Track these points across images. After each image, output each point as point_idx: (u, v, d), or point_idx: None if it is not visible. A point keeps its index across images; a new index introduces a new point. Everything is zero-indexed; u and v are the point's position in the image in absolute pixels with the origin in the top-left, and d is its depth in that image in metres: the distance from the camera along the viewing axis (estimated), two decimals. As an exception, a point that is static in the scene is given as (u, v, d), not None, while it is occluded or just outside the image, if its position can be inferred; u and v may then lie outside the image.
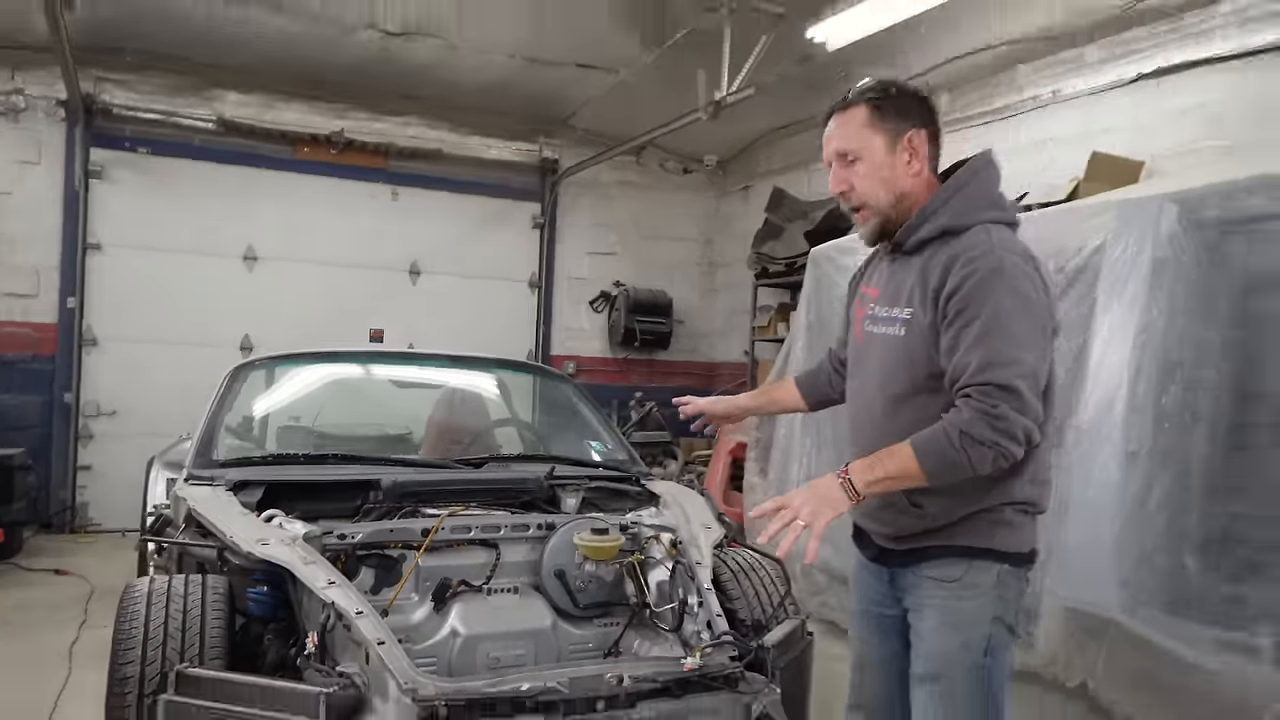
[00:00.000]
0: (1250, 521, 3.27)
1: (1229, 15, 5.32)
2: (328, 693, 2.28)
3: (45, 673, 4.30)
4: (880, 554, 2.38)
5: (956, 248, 2.14)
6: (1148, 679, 3.49)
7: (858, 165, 2.25)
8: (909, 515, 2.21)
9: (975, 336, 2.05)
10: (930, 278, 2.17)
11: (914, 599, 2.29)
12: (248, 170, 7.80)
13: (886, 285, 2.36)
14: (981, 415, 1.99)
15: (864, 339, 2.42)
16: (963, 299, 2.08)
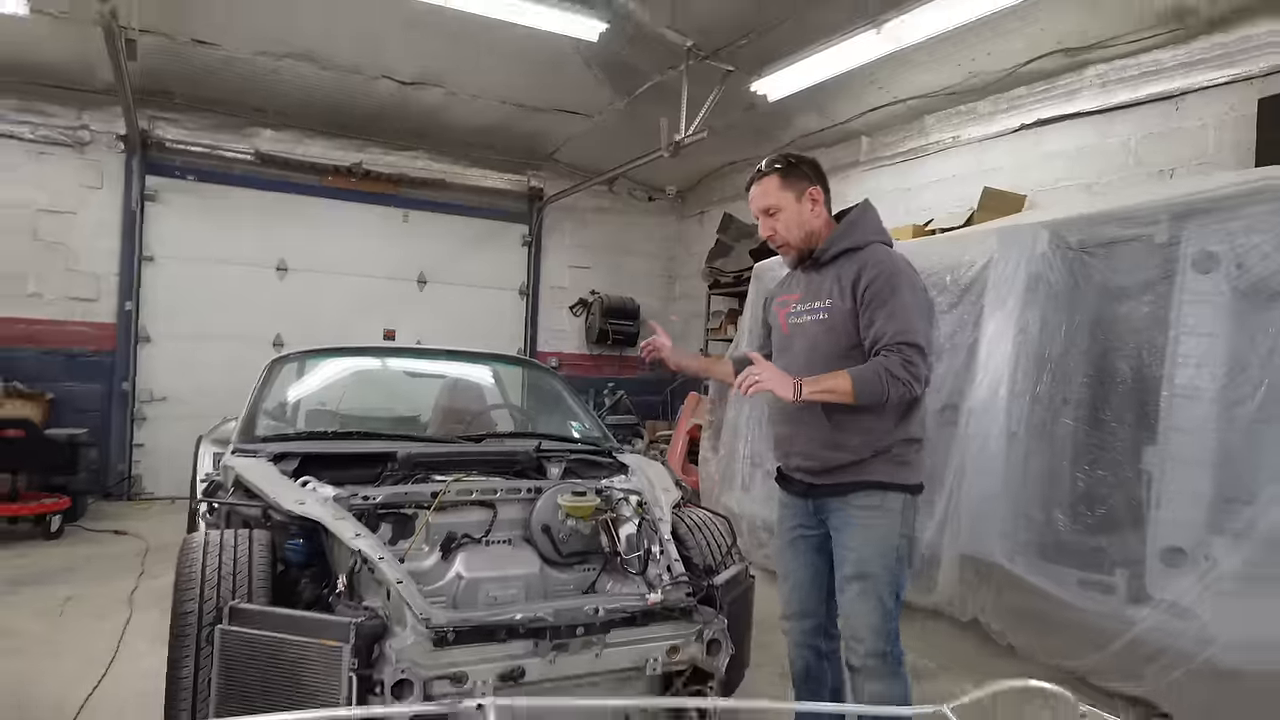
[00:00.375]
0: (1106, 485, 3.41)
1: (1093, 78, 5.50)
2: (357, 622, 2.34)
3: (111, 614, 4.30)
4: (807, 489, 2.67)
5: (863, 258, 2.55)
6: (1026, 613, 3.62)
7: (779, 216, 2.64)
8: (837, 451, 2.54)
9: (888, 314, 2.44)
10: (845, 279, 2.55)
11: (840, 521, 2.58)
12: (281, 195, 7.74)
13: (806, 289, 2.70)
14: (900, 362, 2.37)
15: (790, 329, 2.74)
16: (876, 290, 2.47)
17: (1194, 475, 3.22)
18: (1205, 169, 4.95)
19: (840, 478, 2.56)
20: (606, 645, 2.55)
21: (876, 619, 2.50)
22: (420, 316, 8.28)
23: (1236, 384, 3.17)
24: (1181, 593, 3.14)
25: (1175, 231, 3.40)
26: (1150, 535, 3.27)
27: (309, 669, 2.32)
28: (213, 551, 2.68)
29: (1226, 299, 3.25)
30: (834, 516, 2.61)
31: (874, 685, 2.52)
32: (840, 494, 2.57)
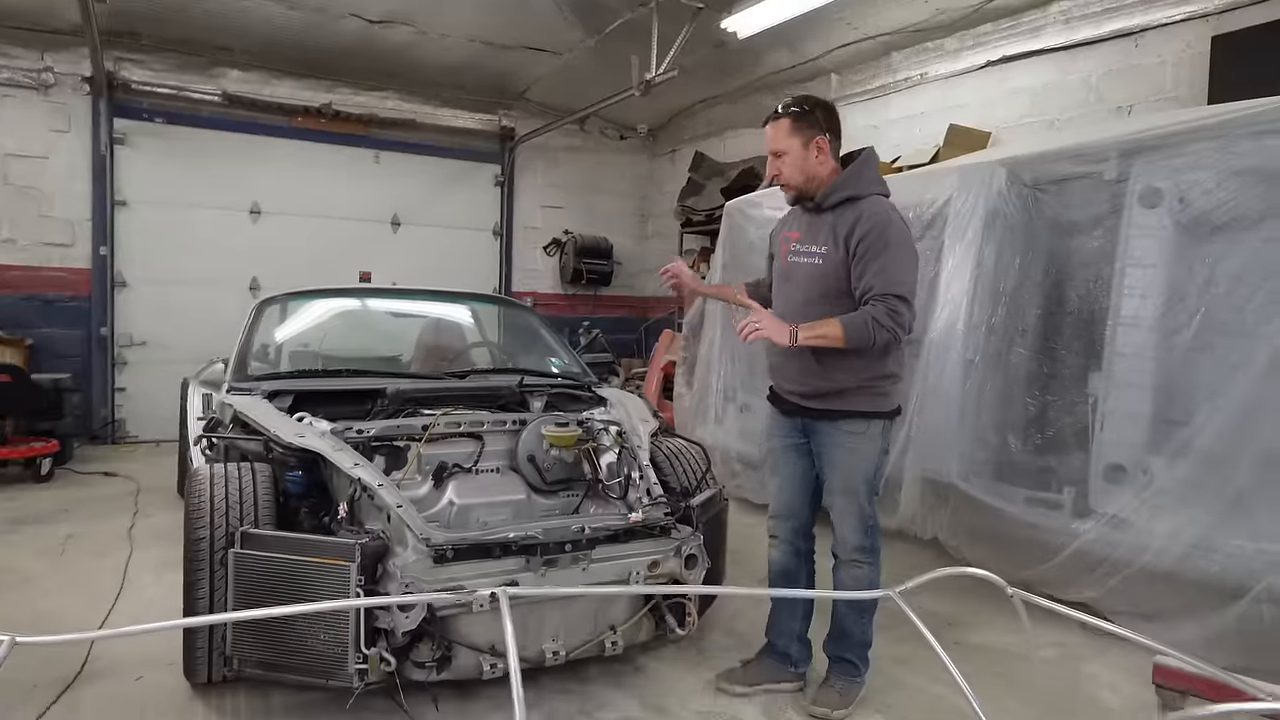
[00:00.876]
0: (1055, 409, 3.65)
1: (1057, 15, 5.61)
2: (361, 542, 2.52)
3: (111, 551, 4.44)
4: (795, 409, 2.94)
5: (860, 208, 2.74)
6: (980, 530, 3.88)
7: (784, 158, 2.82)
8: (823, 380, 2.81)
9: (879, 267, 2.65)
10: (840, 228, 2.75)
11: (827, 443, 2.87)
12: (251, 137, 7.68)
13: (806, 231, 2.91)
14: (886, 312, 2.61)
15: (788, 265, 2.95)
16: (869, 244, 2.67)
17: (1135, 398, 3.46)
18: (1163, 105, 5.13)
19: (828, 404, 2.84)
20: (592, 561, 2.76)
21: (858, 522, 2.86)
22: (395, 258, 8.28)
23: (1175, 313, 3.40)
24: (1121, 506, 3.40)
25: (1124, 168, 3.57)
26: (1094, 454, 3.52)
27: (317, 587, 2.50)
28: (219, 483, 2.83)
29: (1169, 233, 3.45)
30: (822, 438, 2.91)
31: (855, 572, 2.89)
32: (828, 419, 2.86)
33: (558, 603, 2.74)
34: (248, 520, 2.75)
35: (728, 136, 8.52)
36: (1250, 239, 3.23)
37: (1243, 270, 3.24)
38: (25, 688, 2.91)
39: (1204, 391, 3.31)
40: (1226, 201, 3.29)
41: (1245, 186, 3.25)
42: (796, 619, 3.08)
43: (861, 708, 2.91)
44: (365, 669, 2.50)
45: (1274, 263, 3.14)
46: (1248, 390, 3.14)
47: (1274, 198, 3.18)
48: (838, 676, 2.96)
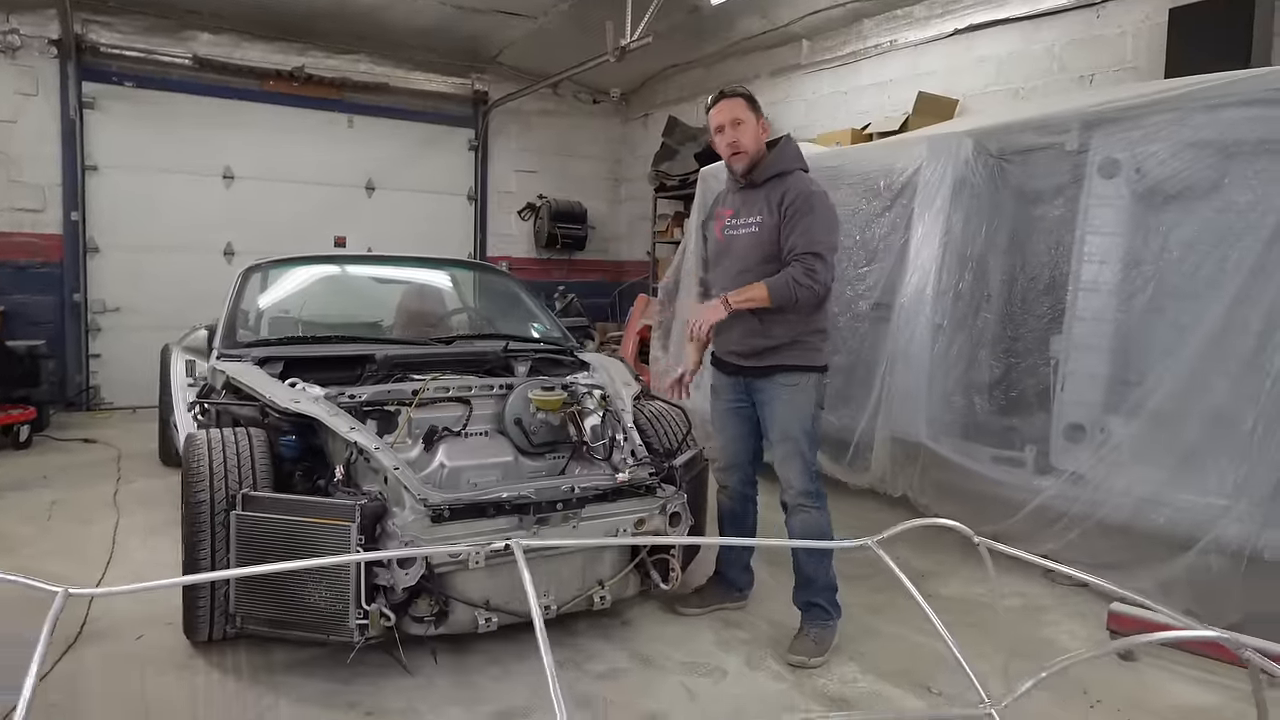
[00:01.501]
0: (1019, 371, 3.81)
1: (1023, -16, 5.71)
2: (361, 503, 2.61)
3: (97, 517, 4.46)
4: (739, 370, 3.20)
5: (788, 182, 3.08)
6: (947, 487, 4.05)
7: (742, 127, 3.09)
8: (763, 338, 3.07)
9: (801, 230, 2.98)
10: (773, 199, 3.07)
11: (768, 396, 3.14)
12: (222, 101, 7.56)
13: (740, 206, 3.21)
14: (803, 270, 2.94)
15: (726, 239, 3.25)
16: (795, 209, 3.01)
17: (1094, 360, 3.62)
18: (1123, 75, 5.26)
19: (766, 360, 3.11)
20: (582, 519, 2.87)
21: (800, 467, 3.10)
22: (370, 223, 8.25)
23: (1132, 278, 3.55)
24: (1080, 464, 3.57)
25: (1084, 139, 3.70)
26: (1055, 414, 3.69)
27: (319, 547, 2.59)
28: (216, 447, 2.89)
29: (1126, 202, 3.59)
30: (762, 393, 3.17)
31: (803, 515, 3.11)
32: (767, 375, 3.13)
33: (549, 559, 2.84)
34: (246, 483, 2.82)
35: (700, 102, 8.48)
36: (1202, 208, 3.38)
37: (1195, 238, 3.39)
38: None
39: (1157, 354, 3.47)
40: (1180, 172, 3.43)
41: (1198, 158, 3.38)
42: (744, 550, 3.44)
43: (836, 656, 3.07)
44: (365, 624, 2.60)
45: (1224, 231, 3.29)
46: (1197, 352, 3.31)
47: (1225, 168, 3.32)
48: (810, 624, 3.12)
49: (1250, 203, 3.23)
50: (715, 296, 3.17)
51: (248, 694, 2.73)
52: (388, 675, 2.84)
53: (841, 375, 4.33)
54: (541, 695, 2.75)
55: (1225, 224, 3.30)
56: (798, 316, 3.06)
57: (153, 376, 7.16)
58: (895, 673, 2.97)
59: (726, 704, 2.74)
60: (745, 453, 3.33)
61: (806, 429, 3.11)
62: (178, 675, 2.83)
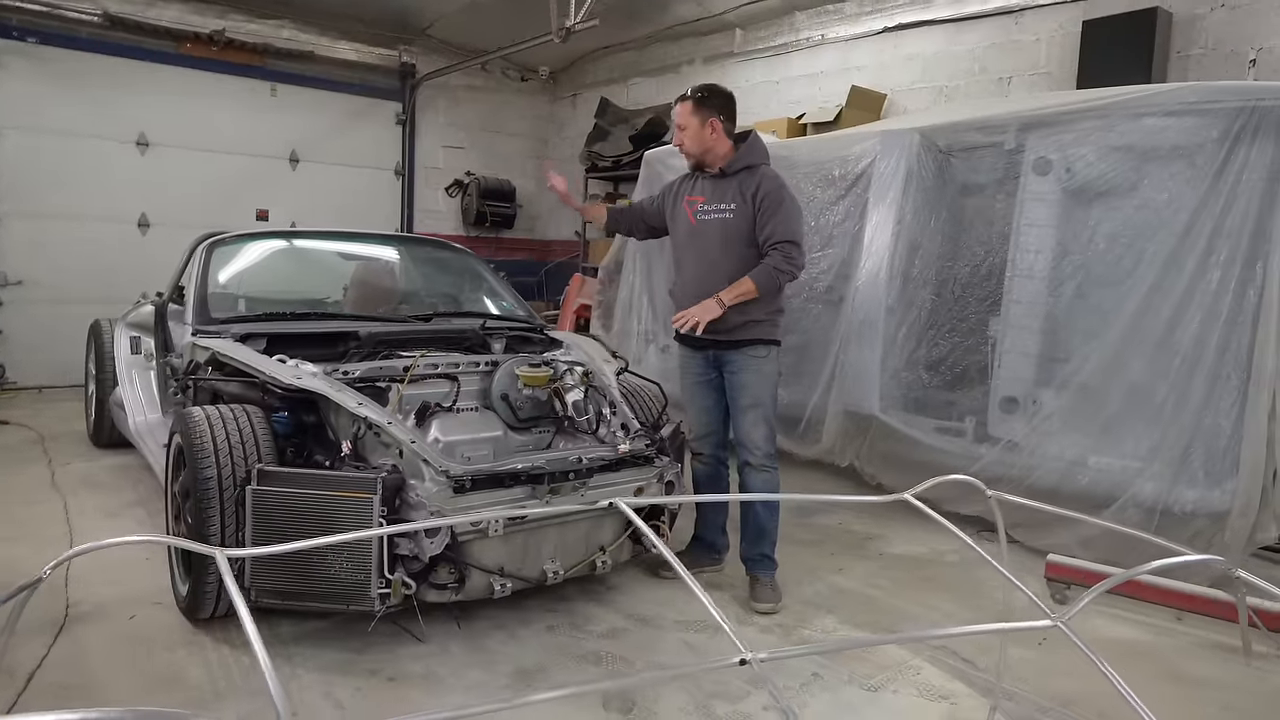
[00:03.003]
0: (961, 349, 4.17)
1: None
2: (383, 476, 2.70)
3: (40, 499, 4.30)
4: (709, 344, 3.44)
5: (758, 174, 3.36)
6: (892, 457, 4.40)
7: (685, 132, 3.41)
8: (738, 315, 3.31)
9: (778, 220, 3.28)
10: (745, 190, 3.34)
11: (738, 367, 3.42)
12: (135, 63, 7.17)
13: (711, 193, 3.45)
14: (782, 258, 3.26)
15: (698, 223, 3.47)
16: (770, 202, 3.30)
17: (1026, 339, 4.02)
18: (1038, 80, 5.72)
19: (737, 335, 3.39)
20: (588, 488, 3.03)
21: (766, 431, 3.43)
22: (294, 197, 8.04)
23: (1060, 267, 3.96)
24: (1014, 433, 3.97)
25: (1020, 140, 4.08)
26: (992, 388, 4.08)
27: (341, 520, 2.65)
28: (218, 424, 2.90)
29: (1057, 197, 3.99)
30: (733, 364, 3.45)
31: (764, 475, 3.43)
32: (737, 348, 3.42)
33: (555, 526, 3.00)
34: (251, 459, 2.85)
35: (632, 84, 8.67)
36: (1123, 205, 3.80)
37: (1116, 231, 3.81)
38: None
39: (1082, 335, 3.89)
40: (1105, 173, 3.84)
41: (1121, 160, 3.80)
42: (720, 514, 3.71)
43: (812, 610, 3.36)
44: (387, 593, 2.69)
45: (1141, 226, 3.72)
46: (1118, 334, 3.74)
47: (1143, 170, 3.75)
48: (763, 572, 3.45)
49: (1165, 201, 3.66)
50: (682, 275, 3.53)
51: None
52: (400, 643, 2.93)
53: (794, 354, 4.61)
54: (551, 655, 2.92)
55: (1143, 220, 3.72)
56: (764, 300, 3.36)
57: (65, 354, 6.86)
58: (869, 623, 3.28)
59: (729, 655, 2.96)
60: (716, 421, 3.63)
61: (772, 395, 3.48)
62: (188, 651, 2.84)
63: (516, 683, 2.72)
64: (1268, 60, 4.82)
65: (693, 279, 3.48)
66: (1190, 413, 3.51)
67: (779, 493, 3.50)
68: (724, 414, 3.61)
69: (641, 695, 2.67)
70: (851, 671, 2.88)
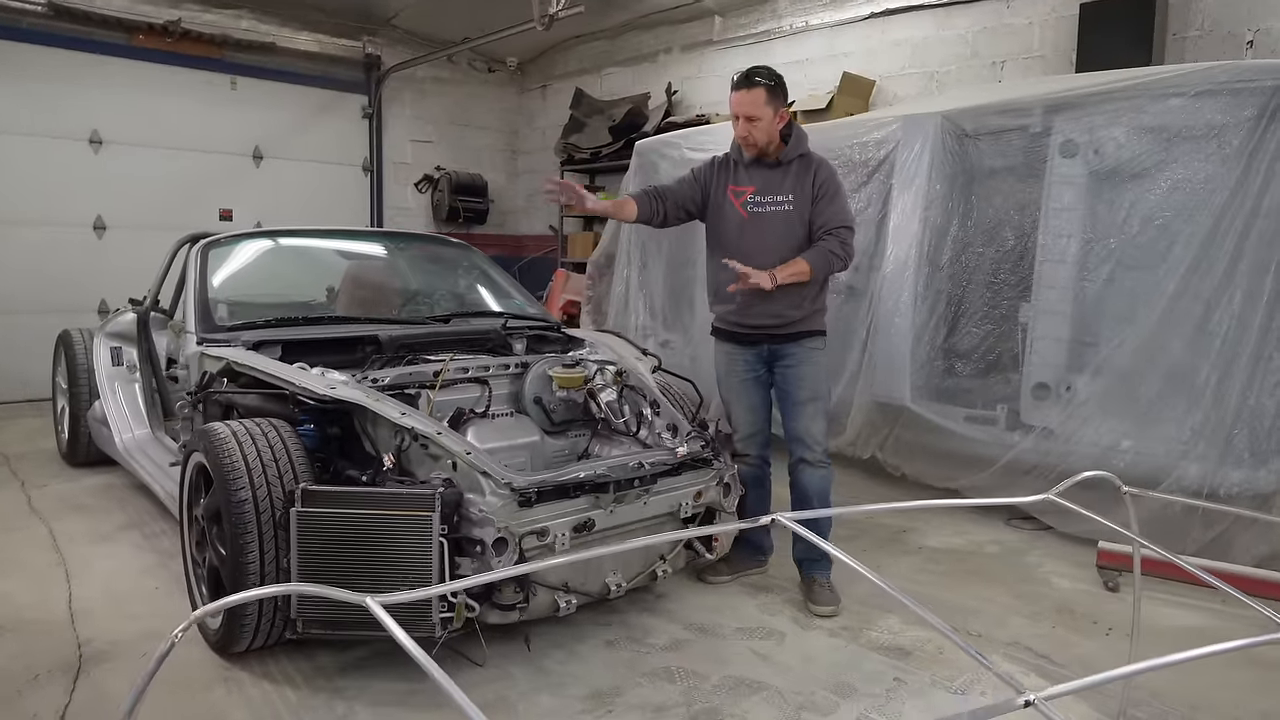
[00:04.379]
0: (992, 336, 4.10)
1: (939, -28, 6.05)
2: (442, 490, 2.49)
3: (21, 526, 3.96)
4: (763, 338, 3.32)
5: (813, 163, 3.26)
6: (919, 447, 4.32)
7: (757, 124, 3.17)
8: (795, 308, 3.23)
9: (835, 207, 3.22)
10: (803, 180, 3.24)
11: (795, 360, 3.30)
12: (85, 56, 6.70)
13: (763, 184, 3.29)
14: (839, 243, 3.17)
15: (751, 216, 3.30)
16: (827, 187, 3.22)
17: (1058, 324, 3.97)
18: (1031, 64, 5.70)
19: (796, 328, 3.29)
20: (651, 495, 2.86)
21: (823, 426, 3.35)
22: (259, 195, 7.65)
23: (1092, 250, 3.91)
24: (1049, 419, 3.92)
25: (1047, 122, 4.02)
26: (1024, 375, 4.02)
27: (398, 539, 2.45)
28: (245, 441, 2.66)
29: (1085, 180, 3.94)
30: (790, 357, 3.31)
31: (822, 472, 3.33)
32: (795, 340, 3.30)
33: (616, 537, 2.82)
34: (287, 478, 2.62)
35: (605, 74, 8.46)
36: (1156, 187, 3.76)
37: (1150, 213, 3.77)
38: (25, 677, 2.64)
39: (1115, 318, 3.85)
40: (1137, 155, 3.79)
41: (1151, 141, 3.76)
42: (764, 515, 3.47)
43: (872, 610, 3.24)
44: (450, 617, 2.48)
45: (1178, 207, 3.68)
46: (1154, 315, 3.70)
47: (1176, 152, 3.71)
48: (820, 574, 3.33)
49: (1200, 182, 3.62)
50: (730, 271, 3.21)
51: (315, 702, 2.55)
52: (455, 668, 2.72)
53: (816, 345, 4.49)
54: (619, 672, 2.75)
55: (1178, 201, 3.68)
56: (819, 287, 3.30)
57: (19, 368, 6.42)
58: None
59: (802, 662, 2.83)
60: (762, 420, 3.48)
61: (828, 387, 3.43)
62: (226, 690, 2.60)
63: (594, 706, 2.54)
64: (1265, 41, 4.86)
65: (752, 259, 3.22)
66: (1234, 394, 3.49)
67: (831, 488, 3.36)
68: (769, 413, 3.47)
69: (730, 710, 2.53)
70: (932, 675, 2.77)
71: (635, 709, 2.52)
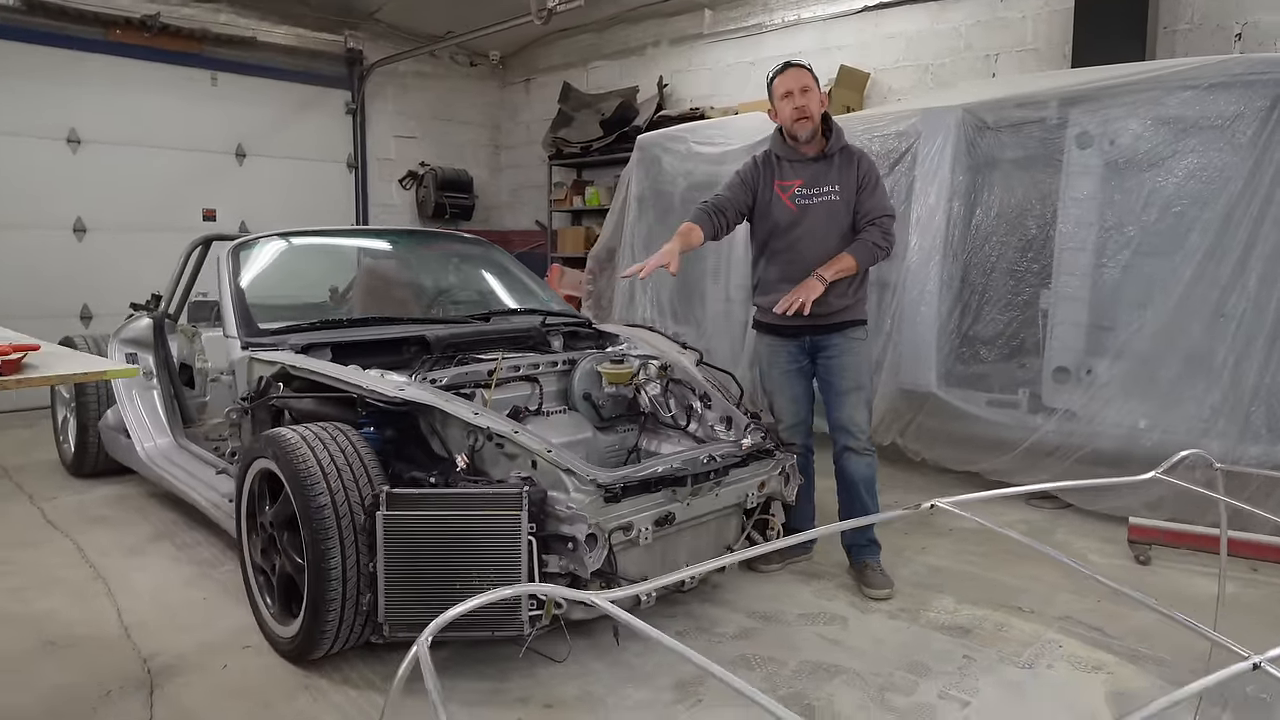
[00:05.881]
0: (1015, 323, 4.21)
1: (933, -34, 6.16)
2: (528, 489, 2.49)
3: (43, 540, 3.84)
4: (805, 329, 3.35)
5: (855, 155, 3.36)
6: (940, 433, 4.42)
7: (810, 95, 3.28)
8: (839, 299, 3.28)
9: (878, 195, 3.31)
10: (847, 171, 3.32)
11: (839, 350, 3.36)
12: (60, 52, 6.48)
13: (810, 176, 3.34)
14: (881, 233, 3.25)
15: (800, 209, 3.34)
16: (868, 178, 3.31)
17: (1076, 310, 4.09)
18: (1024, 56, 5.85)
19: (838, 318, 3.35)
20: (722, 487, 2.90)
21: (867, 414, 3.43)
22: (242, 193, 7.48)
23: (1109, 238, 4.04)
24: (1071, 402, 4.04)
25: (1063, 114, 4.13)
26: (1045, 359, 4.14)
27: (486, 538, 2.45)
28: (317, 446, 2.64)
29: (1101, 171, 4.06)
30: (833, 348, 3.37)
31: (866, 459, 3.40)
32: (839, 330, 3.37)
33: (690, 529, 2.86)
34: (362, 481, 2.61)
35: (592, 68, 8.44)
36: (1172, 176, 3.90)
37: (1166, 202, 3.91)
38: (97, 694, 2.58)
39: (1133, 303, 3.99)
40: (1154, 146, 3.93)
41: (1167, 133, 3.90)
42: (810, 503, 3.61)
43: (926, 591, 3.33)
44: (539, 615, 2.50)
45: (1194, 196, 3.82)
46: (1172, 300, 3.85)
47: (1191, 142, 3.85)
48: (872, 557, 3.42)
49: (1215, 171, 3.77)
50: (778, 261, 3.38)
51: (406, 705, 2.53)
52: (537, 665, 2.73)
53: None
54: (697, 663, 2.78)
55: (1194, 190, 3.82)
56: (861, 277, 3.38)
57: None
58: (983, 598, 3.27)
59: (872, 644, 2.90)
60: (805, 410, 3.54)
61: (870, 376, 3.51)
62: (311, 698, 2.57)
63: (682, 696, 2.58)
64: (1253, 34, 5.06)
65: (791, 263, 3.33)
66: (1251, 374, 3.65)
67: (876, 476, 3.43)
68: (812, 402, 3.54)
69: (815, 694, 2.58)
70: (999, 651, 2.86)
71: (724, 697, 2.56)
